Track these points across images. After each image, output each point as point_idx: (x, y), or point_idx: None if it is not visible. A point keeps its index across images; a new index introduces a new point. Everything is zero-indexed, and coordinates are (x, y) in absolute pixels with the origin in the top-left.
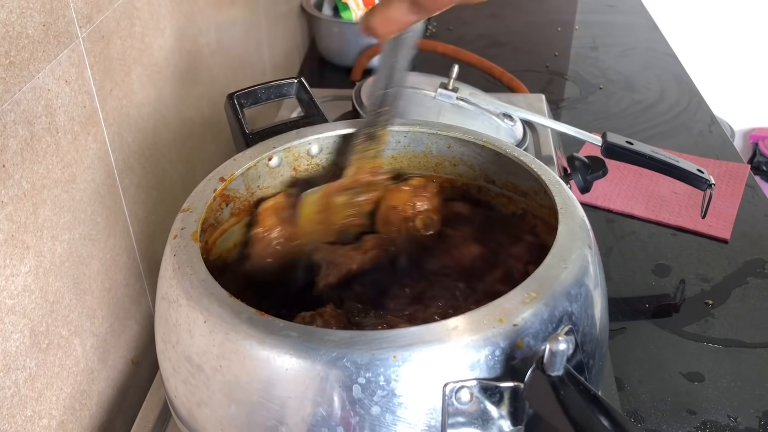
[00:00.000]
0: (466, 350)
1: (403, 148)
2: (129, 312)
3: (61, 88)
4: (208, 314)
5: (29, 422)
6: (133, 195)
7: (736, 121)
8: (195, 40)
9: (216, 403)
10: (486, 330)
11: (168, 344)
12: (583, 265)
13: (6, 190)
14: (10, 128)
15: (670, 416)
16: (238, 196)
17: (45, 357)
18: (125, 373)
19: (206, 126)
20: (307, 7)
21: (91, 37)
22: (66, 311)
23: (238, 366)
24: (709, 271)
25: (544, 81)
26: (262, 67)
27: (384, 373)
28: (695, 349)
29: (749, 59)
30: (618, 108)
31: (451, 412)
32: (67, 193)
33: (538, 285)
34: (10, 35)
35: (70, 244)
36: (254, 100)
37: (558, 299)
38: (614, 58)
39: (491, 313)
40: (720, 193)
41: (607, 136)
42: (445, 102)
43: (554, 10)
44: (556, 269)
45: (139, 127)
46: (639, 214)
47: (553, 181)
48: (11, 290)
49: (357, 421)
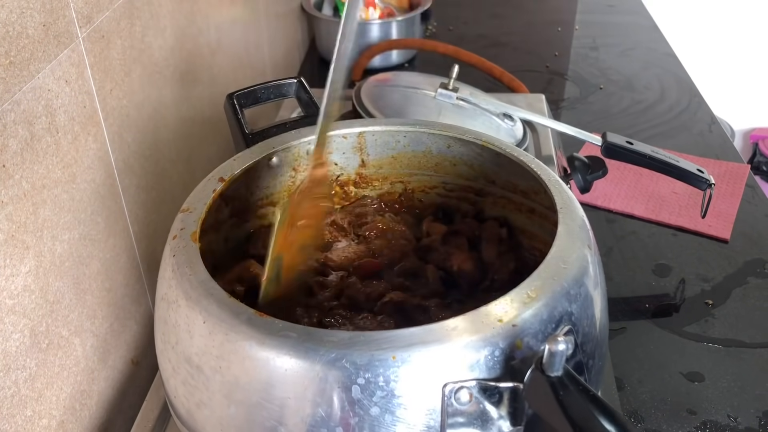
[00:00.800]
0: (465, 351)
1: (402, 148)
2: (129, 312)
3: (61, 88)
4: (207, 315)
5: (29, 422)
6: (133, 195)
7: (736, 121)
8: (195, 40)
9: (215, 403)
10: (485, 330)
11: (168, 345)
12: (583, 265)
13: (6, 190)
14: (10, 128)
15: (670, 416)
16: (238, 196)
17: (45, 357)
18: (125, 373)
19: (206, 126)
20: (307, 7)
21: (91, 37)
22: (66, 311)
23: (237, 367)
24: (709, 271)
25: (545, 81)
26: (262, 67)
27: (383, 373)
28: (695, 349)
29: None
30: (618, 108)
31: (451, 412)
32: (67, 193)
33: (537, 285)
34: (10, 35)
35: (70, 244)
36: (254, 100)
37: (557, 299)
38: (614, 58)
39: (490, 314)
40: (720, 193)
41: (607, 136)
42: (445, 102)
43: (554, 10)
44: (555, 269)
45: (139, 127)
46: (639, 214)
47: (553, 181)
48: (11, 290)
49: (356, 421)
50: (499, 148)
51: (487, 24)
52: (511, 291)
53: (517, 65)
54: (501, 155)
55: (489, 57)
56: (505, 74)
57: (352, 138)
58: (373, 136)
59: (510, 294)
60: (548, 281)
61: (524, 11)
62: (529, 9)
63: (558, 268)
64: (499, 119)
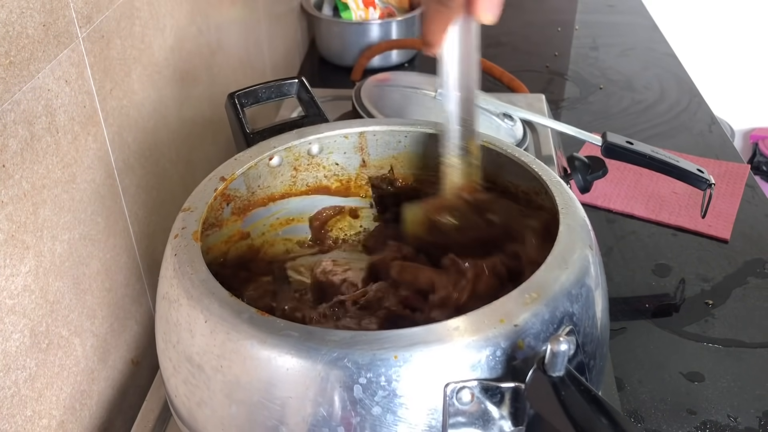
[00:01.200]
0: (467, 350)
1: (403, 148)
2: (129, 312)
3: (61, 88)
4: (208, 314)
5: (29, 422)
6: (133, 195)
7: (736, 121)
8: (195, 40)
9: (216, 403)
10: (487, 330)
11: (168, 344)
12: (584, 265)
13: (6, 190)
14: (10, 128)
15: (670, 416)
16: (238, 195)
17: (45, 357)
18: (125, 373)
19: (207, 126)
20: (307, 7)
21: (91, 37)
22: (66, 311)
23: (238, 366)
24: (710, 271)
25: (545, 81)
26: (262, 66)
27: (385, 373)
28: (695, 349)
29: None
30: (618, 108)
31: (452, 412)
32: (67, 193)
33: (539, 285)
34: (10, 35)
35: (70, 244)
36: (255, 100)
37: (559, 300)
38: (614, 58)
39: (492, 314)
40: (720, 193)
41: (607, 136)
42: None
43: (554, 10)
44: (557, 270)
45: (139, 127)
46: (639, 214)
47: (554, 181)
48: (11, 290)
49: (358, 421)
50: (500, 148)
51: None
52: (513, 291)
53: (517, 65)
54: (501, 155)
55: (489, 57)
56: (505, 74)
57: (353, 138)
58: (374, 136)
59: (512, 294)
60: (550, 281)
61: (524, 11)
62: (529, 9)
63: (559, 269)
64: (499, 119)
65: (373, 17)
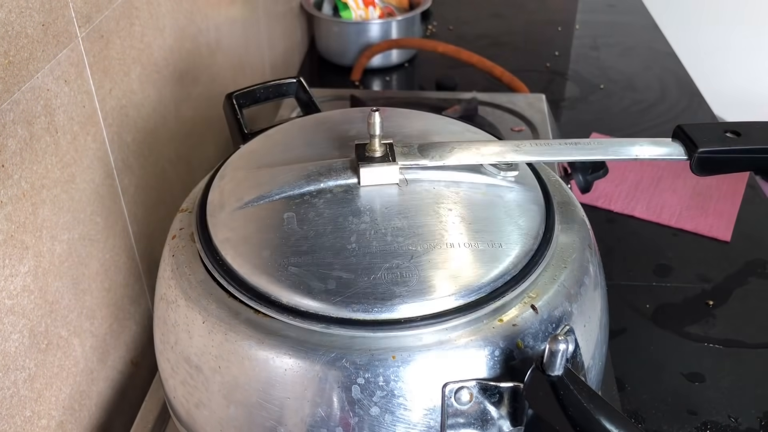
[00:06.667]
0: (465, 350)
1: None
2: (128, 312)
3: (60, 87)
4: (206, 315)
5: (28, 423)
6: (133, 195)
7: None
8: (195, 40)
9: (215, 403)
10: (485, 330)
11: (167, 345)
12: (583, 265)
13: (5, 190)
14: (9, 128)
15: (671, 417)
16: None
17: (44, 357)
18: (124, 374)
19: (206, 126)
20: (307, 7)
21: (90, 36)
22: (65, 311)
23: (236, 367)
24: (710, 272)
25: (545, 81)
26: (261, 66)
27: (383, 373)
28: (696, 350)
29: (749, 59)
30: (619, 107)
31: (451, 412)
32: (66, 193)
33: (538, 285)
34: (10, 35)
35: (69, 245)
36: (253, 100)
37: (558, 299)
38: (615, 58)
39: (491, 313)
40: (720, 193)
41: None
42: None
43: (555, 9)
44: (556, 269)
45: (138, 127)
46: (640, 215)
47: (554, 181)
48: (10, 290)
49: (356, 421)
50: None
51: (487, 24)
52: (512, 291)
53: (517, 65)
54: None
55: (489, 57)
56: (505, 74)
57: None
58: None
59: (510, 294)
60: (548, 281)
61: (524, 11)
62: (530, 9)
63: (558, 268)
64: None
65: (373, 17)
